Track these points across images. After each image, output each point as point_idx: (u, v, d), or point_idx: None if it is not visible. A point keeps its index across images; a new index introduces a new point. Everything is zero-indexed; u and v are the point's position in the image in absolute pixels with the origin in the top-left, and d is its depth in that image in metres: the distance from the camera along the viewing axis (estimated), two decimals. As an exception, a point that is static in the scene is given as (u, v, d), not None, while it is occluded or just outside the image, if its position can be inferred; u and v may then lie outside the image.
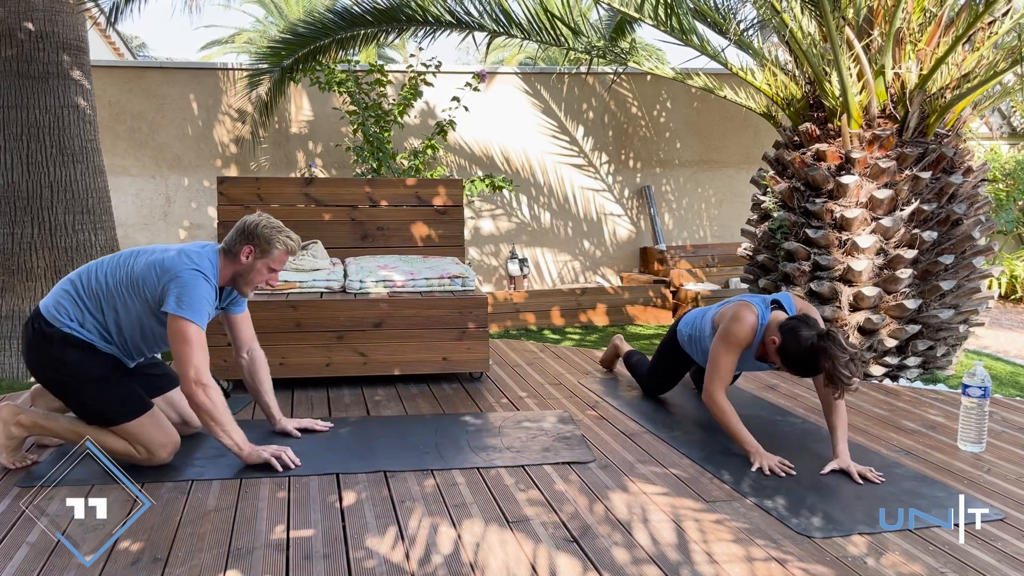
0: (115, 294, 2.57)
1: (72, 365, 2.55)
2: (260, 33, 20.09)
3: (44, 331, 2.55)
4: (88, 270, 2.64)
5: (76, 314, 2.57)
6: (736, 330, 2.82)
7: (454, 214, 4.77)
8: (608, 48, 5.22)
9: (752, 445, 2.74)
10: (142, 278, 2.55)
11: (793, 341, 2.61)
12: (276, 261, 2.68)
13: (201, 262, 2.58)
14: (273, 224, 2.66)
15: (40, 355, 2.57)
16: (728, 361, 2.84)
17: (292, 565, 1.98)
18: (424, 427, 3.14)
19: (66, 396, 2.61)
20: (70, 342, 2.55)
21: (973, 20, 3.95)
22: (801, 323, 2.64)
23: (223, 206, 4.57)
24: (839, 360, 2.50)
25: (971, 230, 4.23)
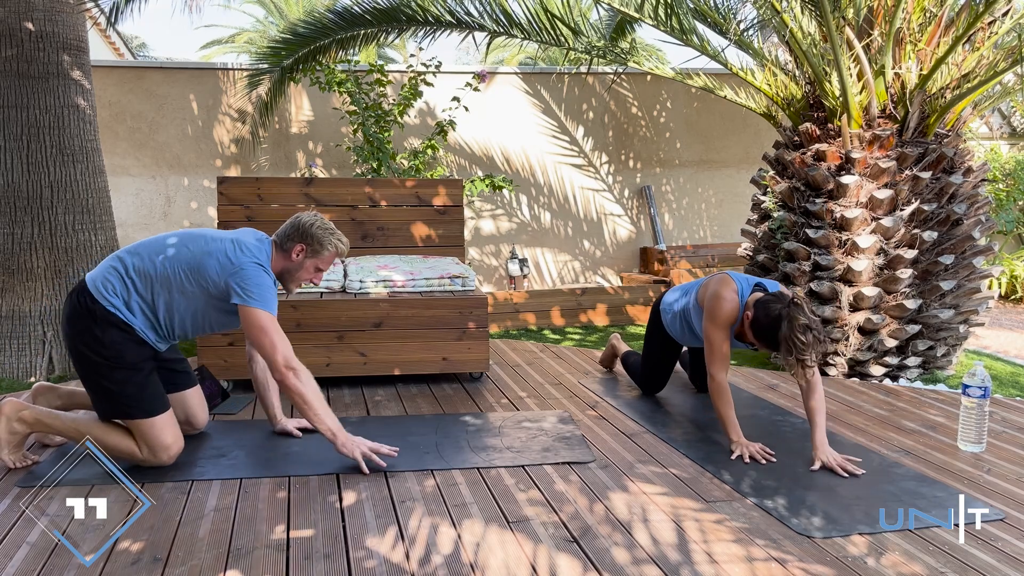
0: (171, 277, 2.58)
1: (110, 347, 2.55)
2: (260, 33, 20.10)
3: (88, 306, 2.55)
4: (139, 250, 2.63)
5: (122, 291, 2.57)
6: (720, 307, 2.88)
7: (454, 214, 4.77)
8: (608, 48, 5.22)
9: (735, 434, 2.84)
10: (203, 266, 2.57)
11: (763, 312, 2.70)
12: (324, 262, 2.74)
13: (259, 255, 2.62)
14: (326, 226, 2.71)
15: (81, 329, 2.55)
16: (721, 339, 2.88)
17: (292, 565, 1.98)
18: (424, 427, 3.14)
19: (93, 376, 2.57)
20: (112, 322, 2.55)
21: (973, 20, 3.95)
22: (774, 298, 2.73)
23: (223, 206, 4.57)
24: (796, 324, 2.57)
25: (971, 230, 4.23)
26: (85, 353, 2.56)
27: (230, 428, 3.11)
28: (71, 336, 2.58)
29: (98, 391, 2.59)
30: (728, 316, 2.87)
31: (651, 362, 3.58)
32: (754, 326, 2.76)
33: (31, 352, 4.34)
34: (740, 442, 2.81)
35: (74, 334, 2.57)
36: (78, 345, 2.56)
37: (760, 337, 2.75)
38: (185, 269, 2.58)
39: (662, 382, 3.61)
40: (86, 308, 2.56)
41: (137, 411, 2.57)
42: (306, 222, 2.69)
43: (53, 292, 4.40)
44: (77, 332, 2.56)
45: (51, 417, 2.66)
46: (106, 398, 2.58)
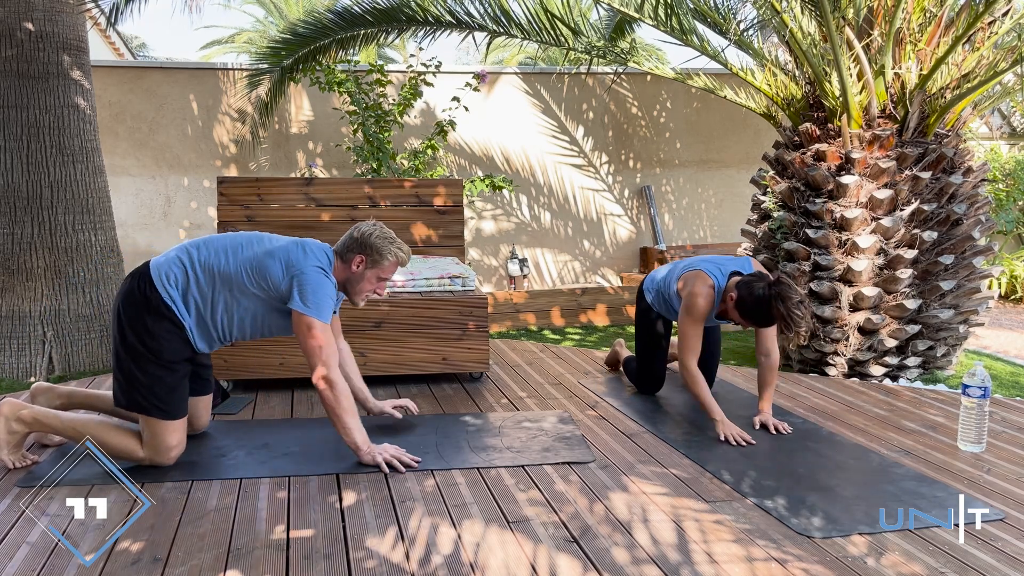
0: (233, 276, 2.58)
1: (157, 339, 2.55)
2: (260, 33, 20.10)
3: (146, 293, 2.55)
4: (207, 244, 2.63)
5: (182, 284, 2.57)
6: (696, 305, 3.10)
7: (454, 214, 4.77)
8: (608, 48, 5.22)
9: (718, 414, 3.04)
10: (267, 267, 2.57)
11: (748, 293, 2.92)
12: (386, 271, 2.73)
13: (322, 260, 2.62)
14: (386, 235, 2.70)
15: (132, 314, 2.55)
16: (694, 333, 3.12)
17: (292, 565, 1.98)
18: (424, 427, 3.14)
19: (128, 362, 2.56)
20: (165, 315, 2.55)
21: (973, 20, 3.95)
22: (754, 278, 2.96)
23: (223, 206, 4.57)
24: (791, 301, 2.80)
25: (971, 230, 4.23)
26: (129, 337, 2.56)
27: (230, 428, 3.11)
28: (120, 317, 2.58)
29: (128, 378, 2.57)
30: (703, 312, 3.10)
31: (644, 352, 3.63)
32: (740, 307, 2.96)
33: (31, 352, 4.34)
34: (723, 423, 3.00)
35: (124, 316, 2.57)
36: (124, 328, 2.56)
37: (747, 316, 2.96)
38: (248, 269, 2.58)
39: (658, 375, 3.61)
40: (143, 294, 2.56)
41: (158, 411, 2.57)
42: (365, 232, 2.68)
43: (53, 292, 4.40)
44: (127, 315, 2.56)
45: (50, 417, 2.65)
46: (131, 387, 2.57)
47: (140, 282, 2.58)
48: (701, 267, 3.19)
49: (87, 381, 3.94)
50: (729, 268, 3.16)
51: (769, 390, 3.17)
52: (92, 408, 2.96)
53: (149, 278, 2.57)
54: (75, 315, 4.45)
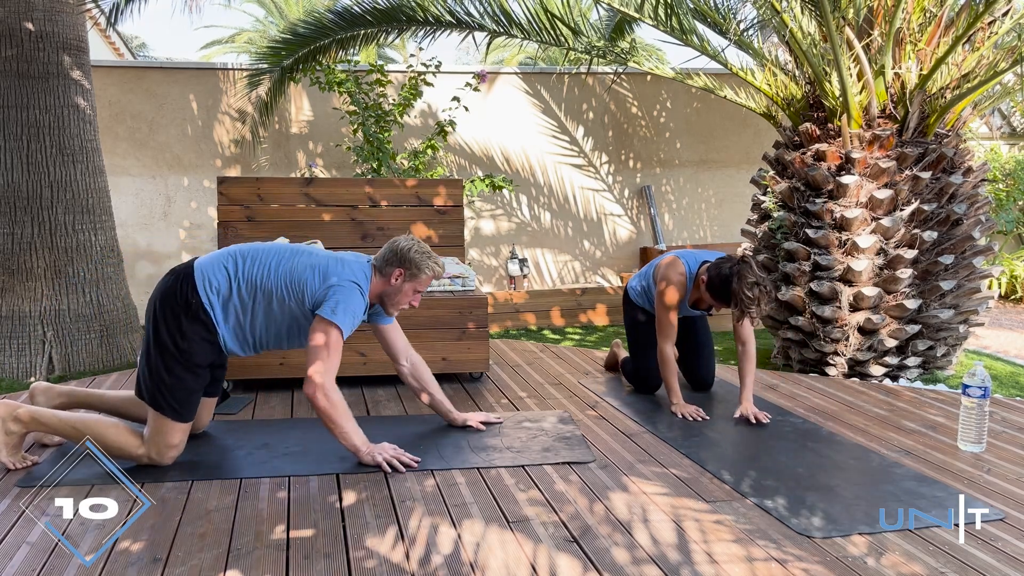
0: (274, 289, 2.61)
1: (189, 341, 2.58)
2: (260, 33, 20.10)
3: (186, 296, 2.58)
4: (253, 253, 2.65)
5: (224, 292, 2.60)
6: (668, 293, 3.28)
7: (454, 214, 4.77)
8: (608, 48, 5.22)
9: (676, 396, 3.31)
10: (304, 279, 2.61)
11: (715, 273, 3.10)
12: (422, 284, 2.78)
13: (359, 275, 2.65)
14: (423, 249, 2.75)
15: (170, 314, 2.58)
16: (669, 319, 3.30)
17: (292, 565, 1.98)
18: (424, 427, 3.14)
19: (155, 358, 2.58)
20: (201, 319, 2.58)
21: (973, 20, 3.95)
22: (723, 260, 3.13)
23: (223, 206, 4.57)
24: (745, 280, 2.95)
25: (971, 230, 4.23)
26: (163, 335, 2.58)
27: (230, 428, 3.11)
28: (156, 313, 2.60)
29: (153, 373, 2.59)
30: (676, 298, 3.28)
31: (636, 350, 3.65)
32: (709, 287, 3.14)
33: (31, 352, 4.34)
34: (678, 403, 3.29)
35: (160, 313, 2.59)
36: (159, 325, 2.58)
37: (714, 294, 3.12)
38: (287, 282, 2.61)
39: (653, 372, 3.60)
40: (184, 296, 2.58)
41: (172, 411, 2.59)
42: (404, 247, 2.72)
43: (53, 292, 4.40)
44: (164, 313, 2.59)
45: (47, 416, 2.65)
46: (152, 381, 2.59)
47: (183, 284, 2.60)
48: (675, 254, 3.38)
49: (87, 381, 3.94)
50: (703, 257, 3.33)
51: (749, 380, 3.27)
52: (92, 407, 2.96)
53: (192, 281, 2.60)
54: (75, 315, 4.45)
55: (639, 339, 3.62)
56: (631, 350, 3.71)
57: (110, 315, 4.61)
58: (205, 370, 2.67)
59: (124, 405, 2.91)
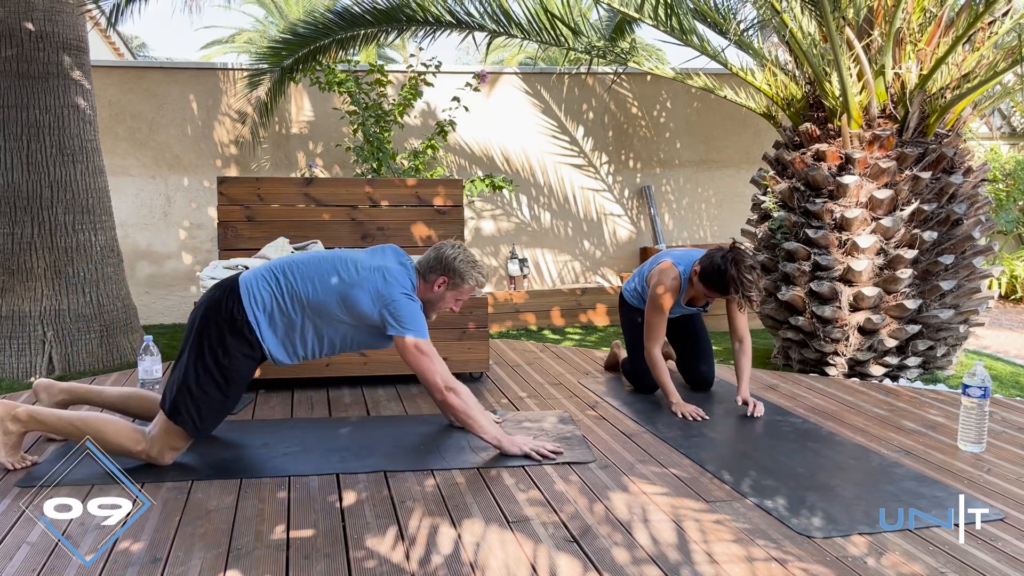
0: (322, 306, 2.63)
1: (230, 358, 2.59)
2: (260, 33, 20.10)
3: (233, 312, 2.60)
4: (296, 271, 2.66)
5: (270, 307, 2.61)
6: (661, 298, 3.30)
7: (454, 214, 4.77)
8: (608, 48, 5.22)
9: (674, 396, 3.32)
10: (355, 299, 2.63)
11: (708, 263, 3.16)
12: (464, 293, 2.83)
13: (405, 284, 2.70)
14: (469, 259, 2.78)
15: (214, 330, 2.59)
16: (659, 322, 3.33)
17: (292, 565, 1.98)
18: (424, 427, 3.14)
19: (191, 368, 2.58)
20: (245, 336, 2.60)
21: (973, 20, 3.95)
22: (715, 251, 3.17)
23: (223, 206, 4.57)
24: (743, 265, 3.03)
25: (971, 230, 4.23)
26: (205, 350, 2.59)
27: (230, 428, 3.11)
28: (200, 325, 2.61)
29: (184, 382, 2.58)
30: (668, 303, 3.31)
31: (634, 350, 3.65)
32: (703, 277, 3.19)
33: (31, 352, 4.34)
34: (678, 403, 3.28)
35: (204, 328, 2.60)
36: (203, 339, 2.59)
37: (709, 284, 3.18)
38: (337, 299, 2.63)
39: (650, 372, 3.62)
40: (229, 311, 2.60)
41: (190, 424, 2.59)
42: (450, 256, 2.76)
43: (53, 292, 4.40)
44: (208, 328, 2.60)
45: (47, 415, 2.64)
46: (181, 392, 2.58)
47: (228, 299, 2.62)
48: (667, 256, 3.42)
49: (87, 381, 3.94)
50: (695, 256, 3.34)
51: (745, 375, 3.35)
52: (93, 404, 2.96)
53: (238, 295, 2.61)
54: (75, 315, 4.45)
55: (636, 340, 3.62)
56: (629, 350, 3.71)
57: (110, 315, 4.61)
58: (237, 391, 2.68)
59: (125, 402, 2.92)
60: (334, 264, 2.68)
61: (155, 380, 3.41)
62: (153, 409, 2.90)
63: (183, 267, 6.47)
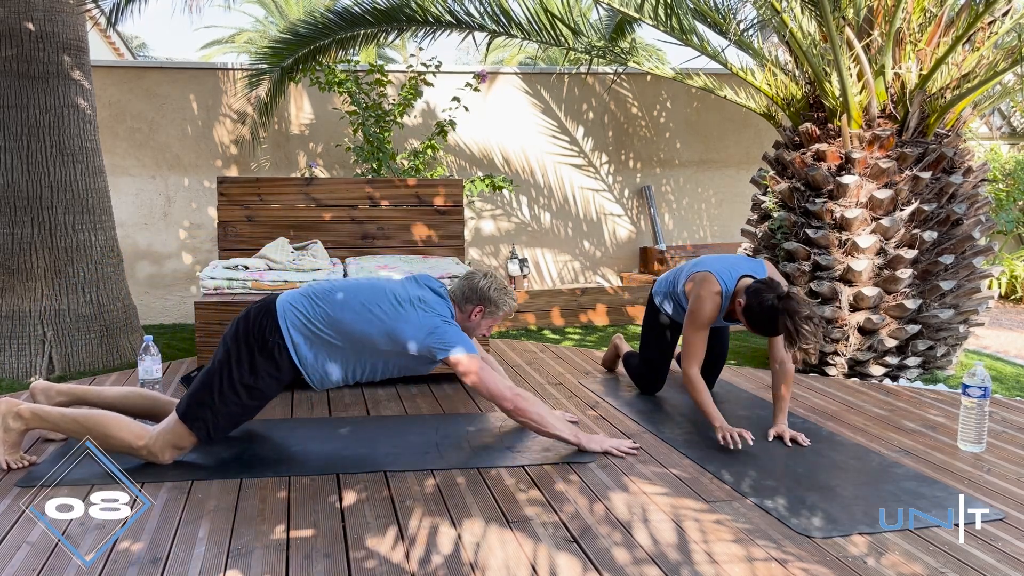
0: (367, 339, 2.67)
1: (257, 376, 2.63)
2: (260, 33, 20.10)
3: (265, 335, 2.63)
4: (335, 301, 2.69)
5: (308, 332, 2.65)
6: (700, 310, 3.02)
7: (454, 214, 4.77)
8: (608, 48, 5.22)
9: (718, 420, 2.92)
10: (400, 332, 2.66)
11: (756, 302, 2.81)
12: (498, 319, 2.90)
13: (444, 311, 2.76)
14: (501, 286, 2.86)
15: (243, 347, 2.62)
16: (698, 339, 3.03)
17: (292, 565, 1.98)
18: (424, 427, 3.14)
19: (217, 381, 2.60)
20: (276, 359, 2.64)
21: (973, 20, 3.95)
22: (764, 285, 2.84)
23: (223, 206, 4.57)
24: (799, 316, 2.70)
25: (971, 230, 4.23)
26: (231, 363, 2.62)
27: (230, 428, 3.11)
28: (233, 341, 2.64)
29: (205, 390, 2.61)
30: (708, 318, 3.02)
31: (648, 356, 3.61)
32: (747, 314, 2.86)
33: (31, 352, 4.34)
34: (723, 427, 2.88)
35: (234, 342, 2.64)
36: (231, 354, 2.63)
37: (754, 325, 2.86)
38: (380, 332, 2.67)
39: (659, 378, 3.61)
40: (262, 333, 2.64)
41: (203, 432, 2.61)
42: (483, 286, 2.83)
43: (53, 292, 4.40)
44: (238, 343, 2.63)
45: (49, 412, 2.64)
46: (201, 399, 2.60)
47: (263, 319, 2.65)
48: (710, 268, 3.09)
49: (87, 381, 3.94)
50: (740, 271, 3.07)
51: (784, 402, 3.03)
52: (92, 404, 2.96)
53: (274, 317, 2.65)
54: (75, 315, 4.45)
55: (649, 338, 3.59)
56: (643, 352, 3.66)
57: (110, 315, 4.61)
58: (259, 407, 2.72)
59: (124, 402, 2.92)
60: (373, 296, 2.72)
61: (155, 380, 3.41)
62: (153, 408, 2.91)
63: (183, 267, 6.47)
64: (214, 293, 3.95)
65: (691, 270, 3.22)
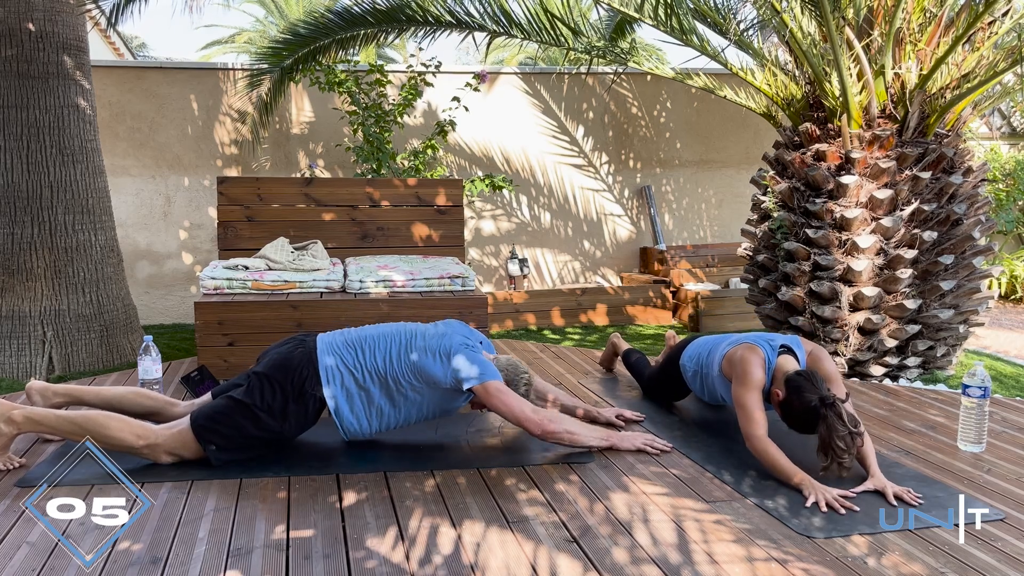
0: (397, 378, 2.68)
1: (286, 421, 2.64)
2: (260, 33, 20.10)
3: (304, 385, 2.63)
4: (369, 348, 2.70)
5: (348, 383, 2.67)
6: (749, 373, 2.73)
7: (454, 214, 4.77)
8: (608, 48, 5.22)
9: (802, 476, 2.52)
10: (426, 367, 2.68)
11: (797, 398, 2.58)
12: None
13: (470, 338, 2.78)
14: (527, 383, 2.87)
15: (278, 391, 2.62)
16: (754, 401, 2.70)
17: (292, 565, 1.98)
18: (424, 427, 3.13)
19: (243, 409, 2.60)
20: (308, 410, 2.66)
21: (973, 20, 3.95)
22: (807, 381, 2.59)
23: (223, 206, 4.57)
24: (836, 432, 2.45)
25: (971, 230, 4.23)
26: (262, 403, 2.61)
27: (230, 428, 3.11)
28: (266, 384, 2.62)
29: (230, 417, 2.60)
30: (759, 379, 2.74)
31: (659, 392, 3.49)
32: (785, 408, 2.64)
33: (31, 352, 4.34)
34: (813, 486, 2.45)
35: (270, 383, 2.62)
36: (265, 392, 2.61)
37: (790, 421, 2.65)
38: (412, 371, 2.68)
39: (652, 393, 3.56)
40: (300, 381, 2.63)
41: (214, 452, 2.60)
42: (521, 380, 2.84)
43: (53, 292, 4.40)
44: (272, 385, 2.62)
45: (45, 415, 2.61)
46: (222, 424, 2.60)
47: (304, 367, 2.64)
48: (749, 340, 2.89)
49: (87, 381, 3.94)
50: (778, 343, 2.85)
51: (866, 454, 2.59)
52: (90, 405, 2.95)
53: (315, 368, 2.65)
54: (75, 315, 4.45)
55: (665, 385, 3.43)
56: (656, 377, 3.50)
57: (110, 315, 4.61)
58: (276, 441, 2.72)
59: (123, 402, 2.91)
60: (404, 337, 2.74)
61: (155, 380, 3.41)
62: (152, 408, 2.89)
63: (183, 267, 6.47)
64: (214, 293, 3.95)
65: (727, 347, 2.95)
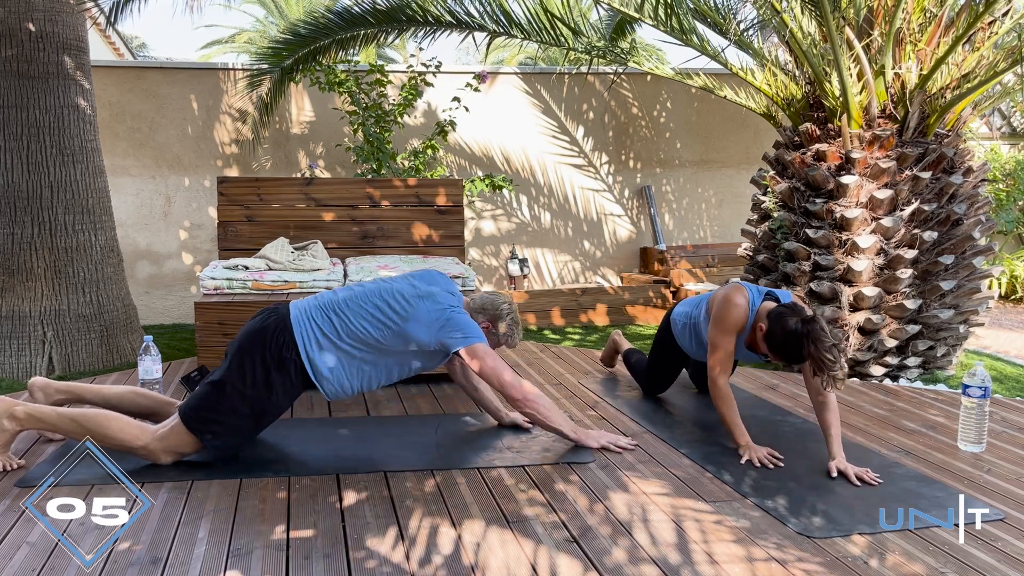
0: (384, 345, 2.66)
1: (273, 393, 2.62)
2: (260, 33, 20.10)
3: (282, 351, 2.61)
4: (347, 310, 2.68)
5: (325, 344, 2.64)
6: (728, 313, 2.83)
7: (454, 214, 4.77)
8: (608, 48, 5.22)
9: (743, 438, 2.79)
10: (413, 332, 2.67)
11: (779, 326, 2.65)
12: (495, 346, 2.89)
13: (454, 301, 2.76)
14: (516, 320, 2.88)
15: (259, 363, 2.60)
16: (726, 343, 2.84)
17: (292, 565, 1.98)
18: (424, 427, 3.14)
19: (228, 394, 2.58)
20: (291, 375, 2.62)
21: (973, 20, 3.95)
22: (788, 309, 2.68)
23: (223, 206, 4.57)
24: (822, 344, 2.53)
25: (971, 230, 4.23)
26: (245, 378, 2.59)
27: (230, 428, 3.11)
28: (244, 355, 2.61)
29: (217, 401, 2.59)
30: (736, 322, 2.82)
31: (657, 368, 3.56)
32: (769, 339, 2.70)
33: (31, 352, 4.34)
34: (748, 446, 2.75)
35: (249, 358, 2.61)
36: (246, 367, 2.59)
37: (776, 351, 2.70)
38: (395, 334, 2.67)
39: (665, 387, 3.61)
40: (278, 348, 2.61)
41: (209, 441, 2.59)
42: (503, 309, 2.85)
43: (53, 292, 4.40)
44: (252, 359, 2.60)
45: (46, 413, 2.62)
46: (210, 409, 2.58)
47: (280, 334, 2.62)
48: (737, 281, 3.00)
49: (87, 381, 3.94)
50: (765, 289, 2.94)
51: (834, 432, 2.68)
52: (90, 403, 2.95)
53: (291, 333, 2.62)
54: (75, 315, 4.45)
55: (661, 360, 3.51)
56: (650, 361, 3.60)
57: (110, 315, 4.61)
58: (268, 423, 2.71)
59: (123, 401, 2.91)
60: (384, 299, 2.71)
61: (155, 380, 3.41)
62: (152, 408, 2.90)
63: (183, 267, 6.47)
64: (214, 293, 3.95)
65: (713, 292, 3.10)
